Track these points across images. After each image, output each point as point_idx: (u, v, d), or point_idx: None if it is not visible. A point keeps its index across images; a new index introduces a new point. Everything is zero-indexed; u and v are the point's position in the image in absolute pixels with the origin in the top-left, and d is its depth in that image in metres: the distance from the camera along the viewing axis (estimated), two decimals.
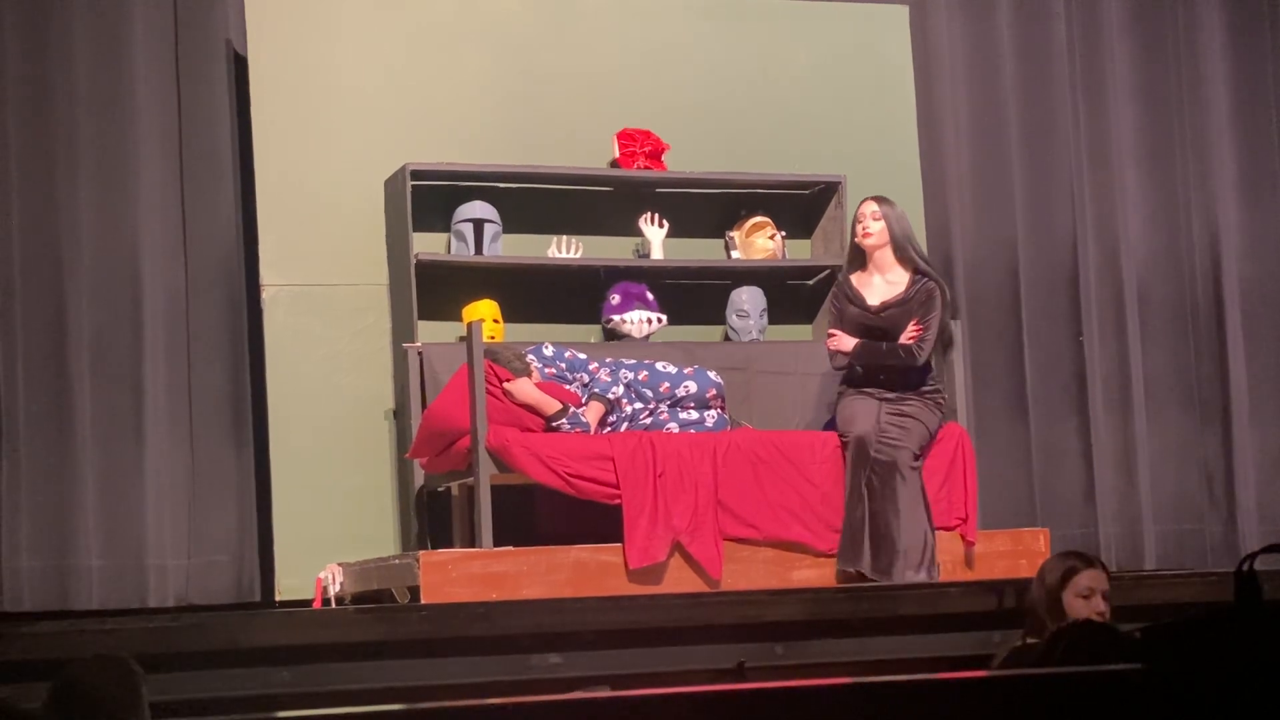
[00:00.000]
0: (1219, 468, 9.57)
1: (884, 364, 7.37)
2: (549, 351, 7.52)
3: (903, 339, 7.36)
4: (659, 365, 7.60)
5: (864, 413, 7.34)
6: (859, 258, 7.55)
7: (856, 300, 7.49)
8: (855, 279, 7.53)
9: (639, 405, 7.46)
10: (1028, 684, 3.31)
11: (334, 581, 7.43)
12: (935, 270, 7.60)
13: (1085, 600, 5.41)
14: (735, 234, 8.38)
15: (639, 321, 7.94)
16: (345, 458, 7.82)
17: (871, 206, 7.49)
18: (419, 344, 7.63)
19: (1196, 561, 9.33)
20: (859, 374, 7.44)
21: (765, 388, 8.10)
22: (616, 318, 7.96)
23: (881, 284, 7.49)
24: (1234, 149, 9.76)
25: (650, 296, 8.02)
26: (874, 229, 7.46)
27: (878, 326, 7.41)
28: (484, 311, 7.80)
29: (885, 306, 7.43)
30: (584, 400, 7.40)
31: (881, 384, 7.39)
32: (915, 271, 7.46)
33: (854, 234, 7.55)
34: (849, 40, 8.79)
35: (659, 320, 7.99)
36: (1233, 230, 9.70)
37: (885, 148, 8.72)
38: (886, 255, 7.48)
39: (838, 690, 3.20)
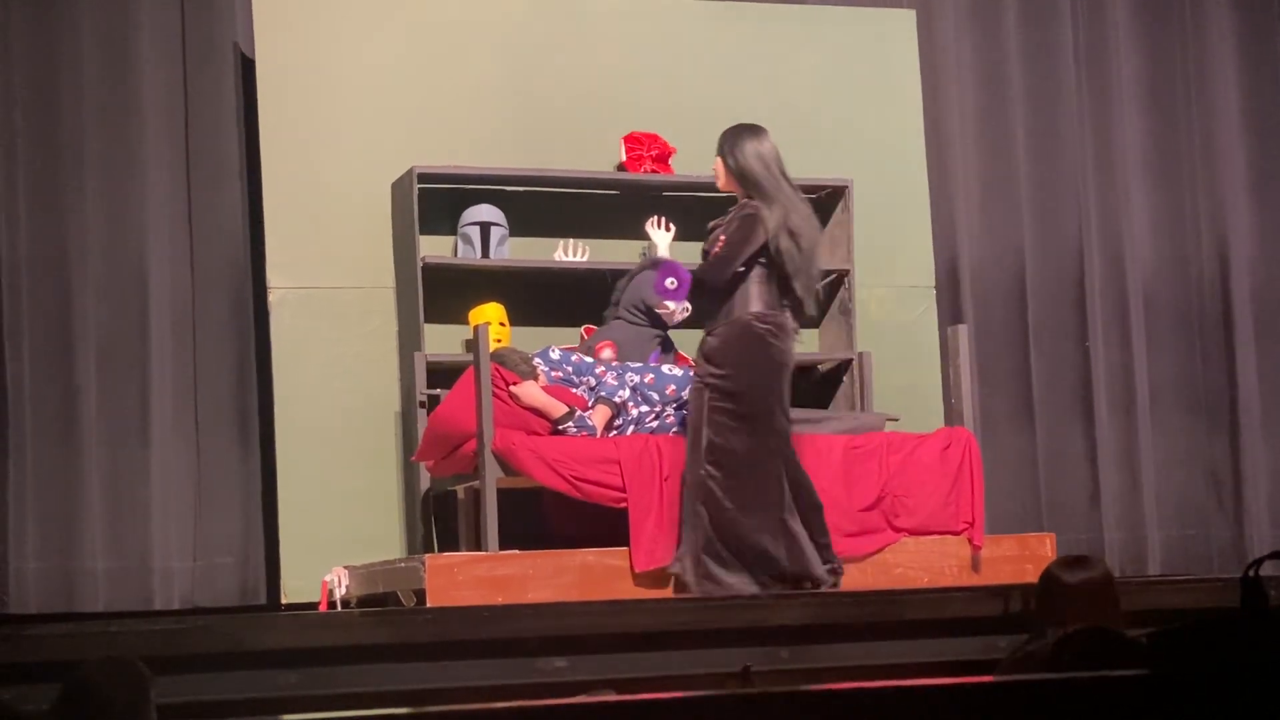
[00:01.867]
0: (1227, 474, 9.56)
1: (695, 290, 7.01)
2: (555, 355, 7.52)
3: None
4: (665, 368, 7.60)
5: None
6: None
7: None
8: None
9: (645, 408, 7.46)
10: (1034, 689, 3.31)
11: (340, 584, 7.43)
12: (779, 201, 6.84)
13: (1095, 604, 5.38)
14: None
15: (681, 310, 7.85)
16: (351, 460, 7.83)
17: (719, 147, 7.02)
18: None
19: (1201, 567, 9.33)
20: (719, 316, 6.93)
21: None
22: (671, 304, 7.78)
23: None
24: (1243, 154, 9.75)
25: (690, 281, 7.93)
26: (716, 170, 7.04)
27: (704, 250, 7.06)
28: (490, 315, 7.80)
29: (711, 229, 7.09)
30: (590, 403, 7.40)
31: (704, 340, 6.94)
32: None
33: None
34: (856, 45, 8.79)
35: (687, 310, 7.91)
36: (1242, 236, 9.69)
37: (892, 152, 8.72)
38: (738, 194, 6.98)
39: (843, 695, 3.20)
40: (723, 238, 6.85)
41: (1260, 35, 9.85)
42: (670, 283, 7.81)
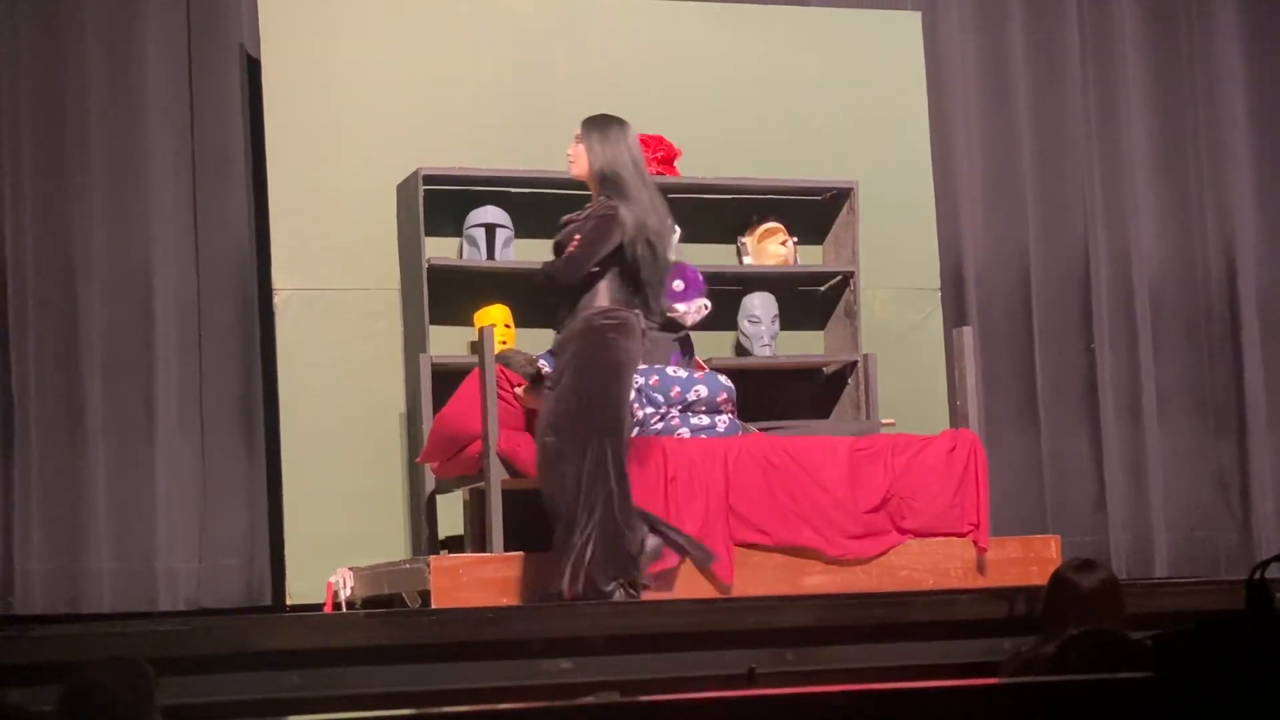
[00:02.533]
0: (1234, 475, 9.55)
1: (544, 286, 6.76)
2: None
3: None
4: (670, 370, 7.59)
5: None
6: None
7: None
8: None
9: (650, 410, 7.46)
10: (1039, 691, 3.31)
11: (344, 585, 7.43)
12: (639, 202, 6.64)
13: (1102, 607, 5.38)
14: (747, 240, 8.38)
15: (695, 311, 7.86)
16: (356, 462, 7.83)
17: (579, 130, 6.81)
18: None
19: (1208, 569, 9.32)
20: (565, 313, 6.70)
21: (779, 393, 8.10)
22: (681, 307, 7.81)
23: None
24: (1250, 155, 9.74)
25: (701, 278, 7.94)
26: (573, 154, 6.82)
27: (555, 243, 6.83)
28: (495, 316, 7.80)
29: (564, 224, 6.81)
30: None
31: (559, 337, 6.71)
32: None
33: None
34: (862, 46, 8.79)
35: (706, 307, 7.91)
36: (1249, 236, 9.69)
37: (897, 154, 8.72)
38: (593, 187, 6.79)
39: (848, 697, 3.20)
40: (578, 237, 6.62)
41: (1266, 35, 9.84)
42: (677, 285, 7.83)
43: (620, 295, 6.62)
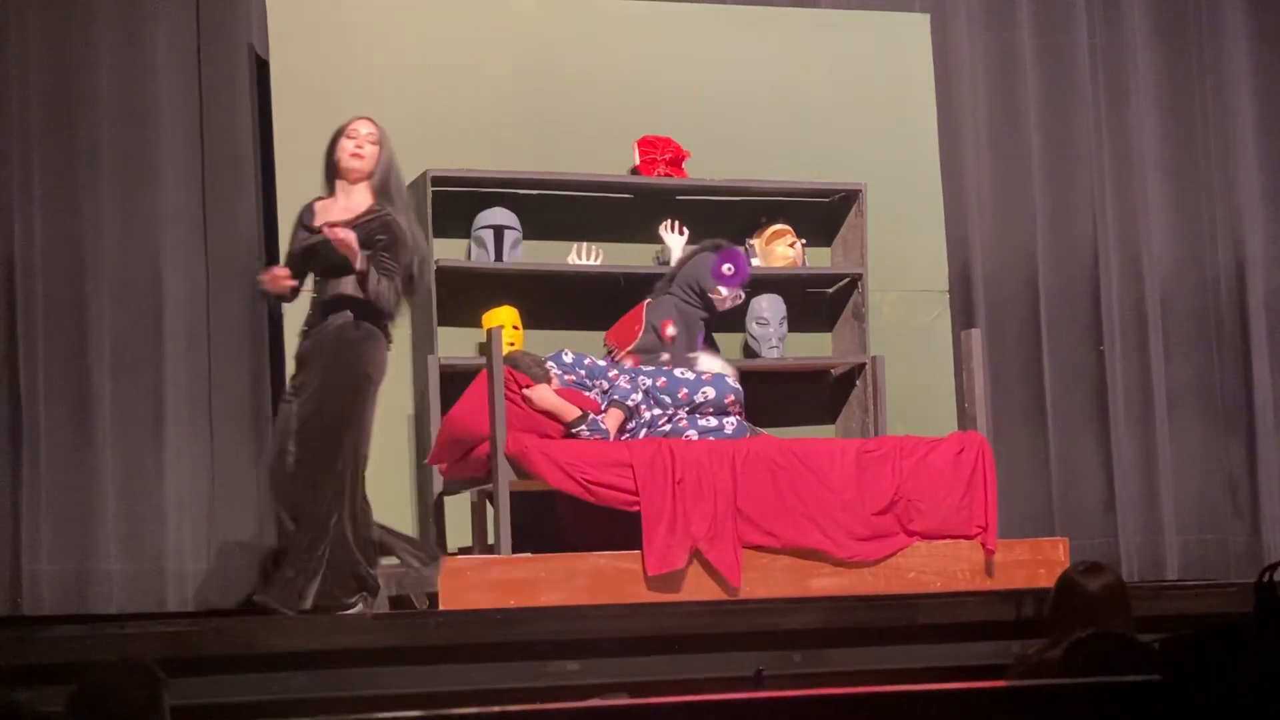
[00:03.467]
0: (1243, 478, 9.54)
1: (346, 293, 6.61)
2: (568, 358, 7.53)
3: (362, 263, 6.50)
4: (677, 371, 7.60)
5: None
6: (331, 183, 6.75)
7: (308, 224, 6.72)
8: (318, 205, 6.75)
9: (658, 412, 7.46)
10: (1046, 694, 3.31)
11: None
12: (409, 215, 6.69)
13: (1110, 610, 5.37)
14: (755, 241, 8.38)
15: (732, 298, 7.87)
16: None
17: (369, 128, 6.73)
18: None
19: (1219, 572, 9.30)
20: (315, 321, 6.70)
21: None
22: (724, 290, 7.81)
23: (341, 211, 6.68)
24: (1259, 158, 9.73)
25: (749, 270, 7.95)
26: (368, 153, 6.70)
27: (309, 245, 6.70)
28: (504, 318, 7.81)
29: (333, 226, 6.60)
30: (603, 407, 7.41)
31: (320, 337, 6.65)
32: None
33: (336, 150, 6.73)
34: (870, 49, 8.79)
35: (740, 296, 7.92)
36: (1258, 239, 9.67)
37: (905, 156, 8.72)
38: (364, 187, 6.71)
39: (856, 699, 3.20)
40: (389, 261, 6.52)
41: (1276, 37, 9.82)
42: (727, 269, 7.81)
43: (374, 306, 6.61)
